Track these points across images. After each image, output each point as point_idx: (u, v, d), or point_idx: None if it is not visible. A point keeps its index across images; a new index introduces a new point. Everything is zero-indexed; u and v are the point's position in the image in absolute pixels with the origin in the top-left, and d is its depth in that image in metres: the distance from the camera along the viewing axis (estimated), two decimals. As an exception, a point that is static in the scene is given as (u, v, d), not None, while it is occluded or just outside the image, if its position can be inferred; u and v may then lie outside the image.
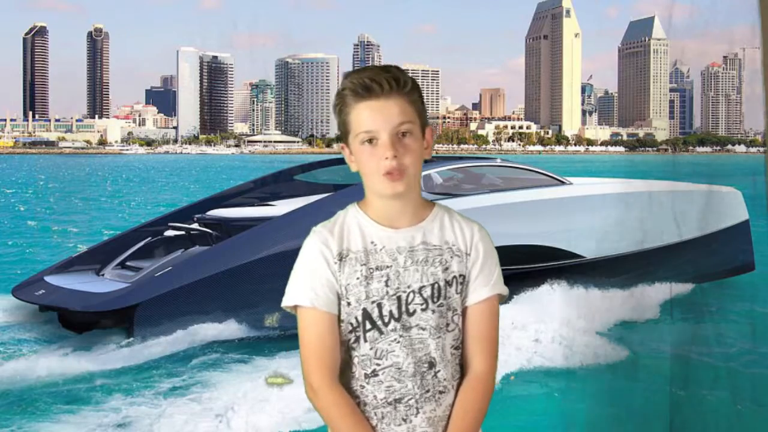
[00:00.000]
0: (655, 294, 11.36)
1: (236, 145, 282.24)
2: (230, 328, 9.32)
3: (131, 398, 7.31)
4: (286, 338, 9.33)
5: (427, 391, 1.95)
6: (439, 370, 1.96)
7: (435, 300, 1.95)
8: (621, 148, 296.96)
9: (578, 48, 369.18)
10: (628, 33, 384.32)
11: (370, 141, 1.91)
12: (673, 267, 11.97)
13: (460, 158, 15.06)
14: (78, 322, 9.53)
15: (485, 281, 1.99)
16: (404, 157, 1.90)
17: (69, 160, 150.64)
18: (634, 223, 12.12)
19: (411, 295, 1.94)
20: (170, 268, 9.76)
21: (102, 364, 8.28)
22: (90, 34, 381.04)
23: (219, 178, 68.72)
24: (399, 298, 1.94)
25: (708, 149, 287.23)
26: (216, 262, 9.59)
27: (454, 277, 1.97)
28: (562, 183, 12.11)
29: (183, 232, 11.10)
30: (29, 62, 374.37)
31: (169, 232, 11.31)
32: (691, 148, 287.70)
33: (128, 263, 10.69)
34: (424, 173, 11.96)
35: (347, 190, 10.58)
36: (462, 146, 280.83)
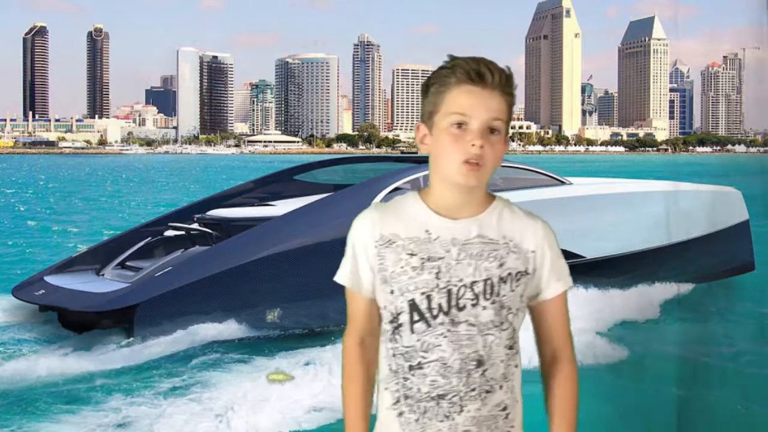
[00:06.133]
0: (655, 294, 11.35)
1: (236, 145, 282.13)
2: (230, 328, 9.29)
3: (131, 398, 7.29)
4: (286, 338, 9.33)
5: (473, 390, 1.90)
6: (487, 369, 1.91)
7: (487, 297, 1.90)
8: (621, 148, 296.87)
9: (578, 48, 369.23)
10: (628, 33, 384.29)
11: (459, 125, 1.87)
12: (673, 267, 11.96)
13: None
14: (78, 322, 9.50)
15: (558, 276, 1.98)
16: (488, 151, 1.87)
17: (69, 160, 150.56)
18: (634, 222, 12.11)
19: (462, 289, 1.89)
20: (170, 268, 9.74)
21: (102, 364, 8.25)
22: (90, 34, 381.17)
23: (219, 178, 68.66)
24: (449, 292, 1.89)
25: (708, 149, 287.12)
26: (216, 262, 9.57)
27: (509, 273, 1.92)
28: (562, 183, 12.10)
29: (183, 232, 11.08)
30: (29, 62, 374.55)
31: (169, 232, 11.29)
32: (691, 148, 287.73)
33: (128, 263, 10.67)
34: (423, 174, 11.78)
35: (347, 190, 10.56)
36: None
